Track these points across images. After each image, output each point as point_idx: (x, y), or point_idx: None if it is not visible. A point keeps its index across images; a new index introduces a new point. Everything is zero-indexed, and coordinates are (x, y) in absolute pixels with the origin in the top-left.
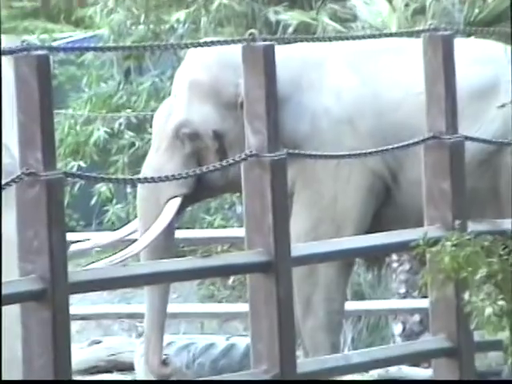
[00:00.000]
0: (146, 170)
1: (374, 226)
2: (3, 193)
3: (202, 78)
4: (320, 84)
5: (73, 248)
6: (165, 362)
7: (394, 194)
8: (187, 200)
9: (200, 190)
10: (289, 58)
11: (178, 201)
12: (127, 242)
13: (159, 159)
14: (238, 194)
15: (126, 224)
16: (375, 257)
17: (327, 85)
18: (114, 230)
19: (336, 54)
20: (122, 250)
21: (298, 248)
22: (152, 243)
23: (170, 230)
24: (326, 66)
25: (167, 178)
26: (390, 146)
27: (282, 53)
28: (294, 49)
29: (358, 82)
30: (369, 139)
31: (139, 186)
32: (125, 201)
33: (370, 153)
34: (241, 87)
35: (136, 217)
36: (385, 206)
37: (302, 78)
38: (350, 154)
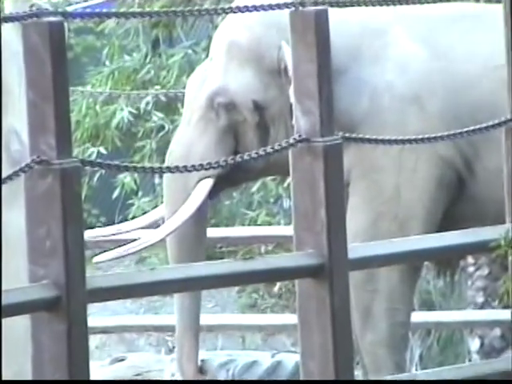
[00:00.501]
0: (175, 147)
1: (444, 224)
2: (8, 185)
3: (241, 38)
4: (382, 55)
5: (89, 241)
6: (201, 370)
7: (469, 185)
8: (221, 182)
9: (236, 172)
10: (345, 22)
11: (209, 182)
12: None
13: (190, 134)
14: (285, 186)
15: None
16: (447, 260)
17: (391, 56)
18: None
19: (402, 21)
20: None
21: (356, 249)
22: (179, 230)
23: (201, 216)
24: (389, 35)
25: (201, 167)
26: (465, 129)
27: (336, 16)
28: (351, 12)
29: (427, 53)
30: (439, 121)
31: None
32: (152, 193)
33: (440, 137)
34: (283, 50)
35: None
36: (457, 201)
37: (360, 47)
38: (416, 139)
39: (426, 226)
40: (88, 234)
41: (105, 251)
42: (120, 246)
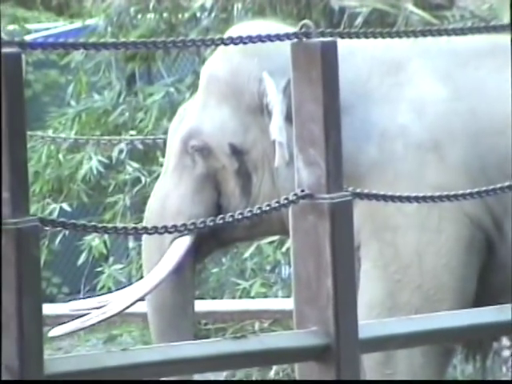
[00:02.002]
0: (151, 201)
1: (475, 298)
2: None
3: (219, 71)
4: (395, 94)
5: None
6: None
7: (499, 250)
8: (204, 242)
9: (220, 230)
10: (351, 54)
11: (186, 241)
12: None
13: (166, 184)
14: (284, 250)
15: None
16: (478, 341)
17: (406, 96)
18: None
19: (423, 54)
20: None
21: (369, 327)
22: (158, 301)
23: (184, 282)
24: (406, 71)
25: (175, 228)
26: (498, 186)
27: (343, 47)
28: (362, 43)
29: (448, 93)
30: (461, 173)
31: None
32: (126, 259)
33: (469, 194)
34: (265, 83)
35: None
36: (487, 268)
37: (370, 83)
38: (441, 196)
39: (457, 300)
40: (69, 307)
41: (61, 323)
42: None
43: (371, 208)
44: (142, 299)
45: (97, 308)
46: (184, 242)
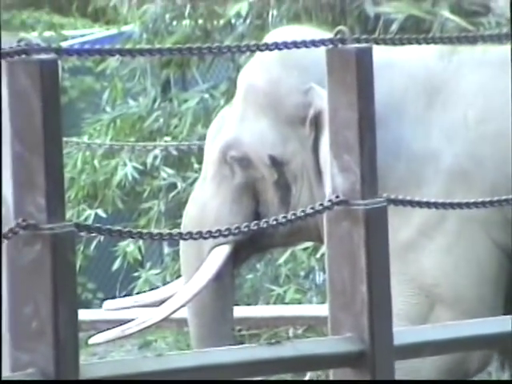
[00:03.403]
0: (190, 207)
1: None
2: None
3: (258, 82)
4: (429, 116)
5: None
6: None
7: None
8: (242, 249)
9: (258, 237)
10: (390, 67)
11: (225, 249)
12: None
13: (204, 192)
14: (318, 256)
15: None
16: None
17: (438, 119)
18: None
19: (460, 72)
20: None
21: (403, 333)
22: (199, 306)
23: (224, 288)
24: (440, 93)
25: (219, 232)
26: None
27: (380, 58)
28: (399, 56)
29: (478, 116)
30: (490, 196)
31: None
32: (160, 264)
33: (497, 201)
34: (312, 95)
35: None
36: None
37: (404, 100)
38: (473, 203)
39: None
40: (104, 306)
41: (101, 331)
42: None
43: (392, 229)
44: (183, 307)
45: (132, 307)
46: (223, 250)
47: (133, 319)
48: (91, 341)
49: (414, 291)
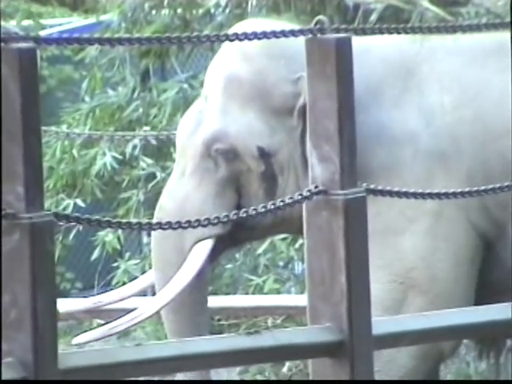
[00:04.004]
0: (167, 202)
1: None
2: None
3: (242, 73)
4: (406, 99)
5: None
6: None
7: (500, 254)
8: (221, 242)
9: (239, 230)
10: (366, 53)
11: (208, 243)
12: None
13: (184, 186)
14: (297, 246)
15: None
16: (492, 338)
17: (415, 102)
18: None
19: (431, 57)
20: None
21: (382, 323)
22: (176, 300)
23: (200, 280)
24: (415, 76)
25: (198, 223)
26: (505, 185)
27: (357, 45)
28: (375, 42)
29: (455, 99)
30: (466, 182)
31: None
32: (139, 254)
33: (476, 192)
34: (302, 83)
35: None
36: (488, 273)
37: (383, 84)
38: (453, 193)
39: (462, 307)
40: (61, 307)
41: (85, 331)
42: (104, 321)
43: (372, 211)
44: (170, 302)
45: (91, 307)
46: (206, 245)
47: (112, 309)
48: (75, 341)
49: (390, 277)
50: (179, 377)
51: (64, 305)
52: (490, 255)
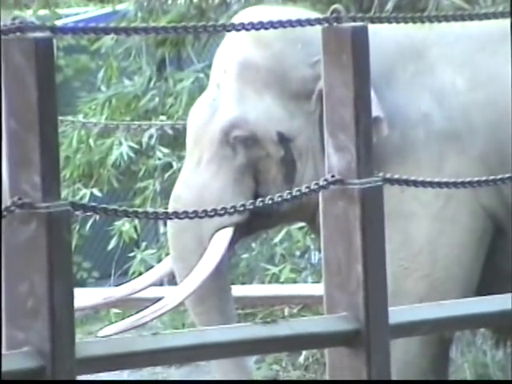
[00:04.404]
0: (183, 192)
1: (481, 284)
2: None
3: (258, 58)
4: (417, 82)
5: (81, 302)
6: None
7: (510, 237)
8: (239, 230)
9: (256, 218)
10: (379, 39)
11: (229, 232)
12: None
13: (201, 176)
14: (314, 236)
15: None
16: (509, 328)
17: (427, 84)
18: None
19: (440, 41)
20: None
21: (399, 312)
22: (201, 290)
23: (222, 269)
24: (425, 58)
25: (215, 212)
26: None
27: (371, 35)
28: (389, 30)
29: (467, 82)
30: (480, 164)
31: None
32: (156, 244)
33: (492, 181)
34: (320, 66)
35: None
36: (497, 256)
37: (394, 69)
38: (469, 182)
39: (463, 290)
40: (98, 295)
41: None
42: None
43: (386, 194)
44: (194, 292)
45: (103, 303)
46: (227, 234)
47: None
48: (102, 333)
49: (397, 262)
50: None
51: (76, 299)
52: (500, 239)
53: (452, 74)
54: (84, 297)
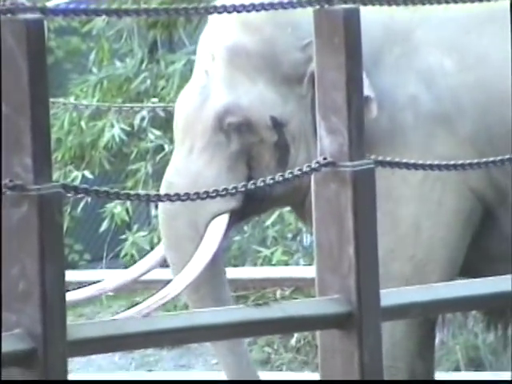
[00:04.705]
0: (176, 179)
1: (468, 264)
2: None
3: (248, 43)
4: (404, 64)
5: (73, 294)
6: None
7: (500, 221)
8: (233, 216)
9: (249, 203)
10: (366, 21)
11: (225, 218)
12: (150, 284)
13: (195, 163)
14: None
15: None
16: (500, 310)
17: (414, 66)
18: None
19: (425, 23)
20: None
21: (390, 295)
22: (196, 278)
23: (217, 256)
24: (410, 40)
25: (207, 194)
26: (506, 157)
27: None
28: (374, 13)
29: (455, 63)
30: (470, 146)
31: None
32: (148, 226)
33: (484, 163)
34: (310, 50)
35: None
36: (485, 237)
37: (382, 51)
38: (461, 164)
39: (447, 270)
40: (91, 288)
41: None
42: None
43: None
44: (194, 280)
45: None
46: (223, 220)
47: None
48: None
49: (385, 245)
50: None
51: (69, 293)
52: (489, 221)
53: (439, 56)
54: (78, 290)
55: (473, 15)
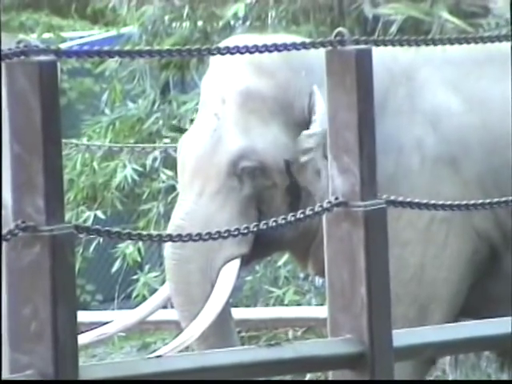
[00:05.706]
0: (187, 223)
1: (473, 304)
2: None
3: (263, 87)
4: (409, 105)
5: (86, 336)
6: None
7: (504, 261)
8: (245, 260)
9: (259, 247)
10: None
11: (237, 263)
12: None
13: (206, 207)
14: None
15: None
16: None
17: (419, 107)
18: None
19: (428, 63)
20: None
21: (403, 335)
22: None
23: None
24: (415, 80)
25: (219, 234)
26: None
27: None
28: (382, 53)
29: (460, 104)
30: (476, 187)
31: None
32: (160, 266)
33: (488, 204)
34: (313, 98)
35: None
36: (489, 278)
37: (386, 94)
38: (470, 204)
39: (448, 310)
40: (99, 330)
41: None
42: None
43: None
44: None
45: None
46: (236, 265)
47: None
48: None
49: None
50: None
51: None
52: (495, 262)
53: (445, 97)
54: (86, 334)
55: (471, 57)
